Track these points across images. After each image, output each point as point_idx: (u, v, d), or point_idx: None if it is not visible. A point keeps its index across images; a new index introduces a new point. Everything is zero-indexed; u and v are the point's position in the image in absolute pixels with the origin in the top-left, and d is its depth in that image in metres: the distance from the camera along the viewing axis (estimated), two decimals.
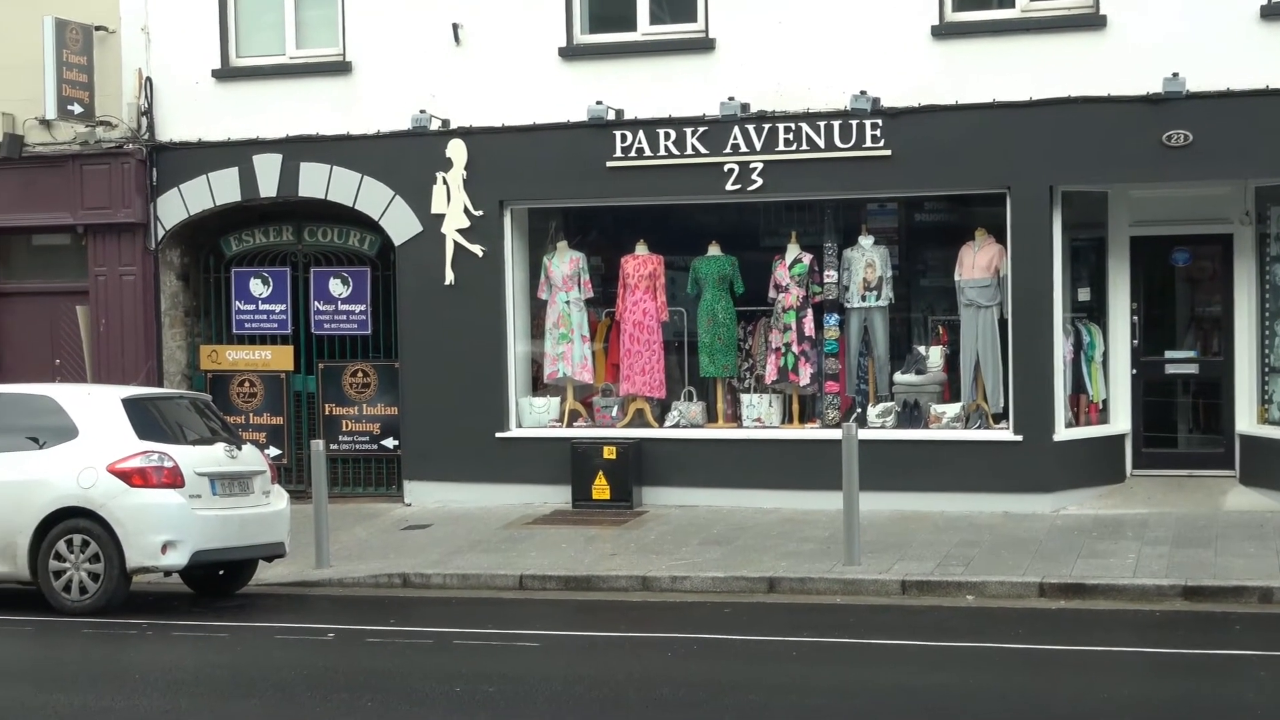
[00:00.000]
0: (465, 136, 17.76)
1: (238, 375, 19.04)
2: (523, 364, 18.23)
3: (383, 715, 8.95)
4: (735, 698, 9.41)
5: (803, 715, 8.88)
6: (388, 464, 18.76)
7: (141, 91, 18.54)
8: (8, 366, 19.15)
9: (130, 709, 9.30)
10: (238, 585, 14.24)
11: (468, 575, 14.40)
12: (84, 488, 12.94)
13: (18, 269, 19.62)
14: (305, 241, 18.96)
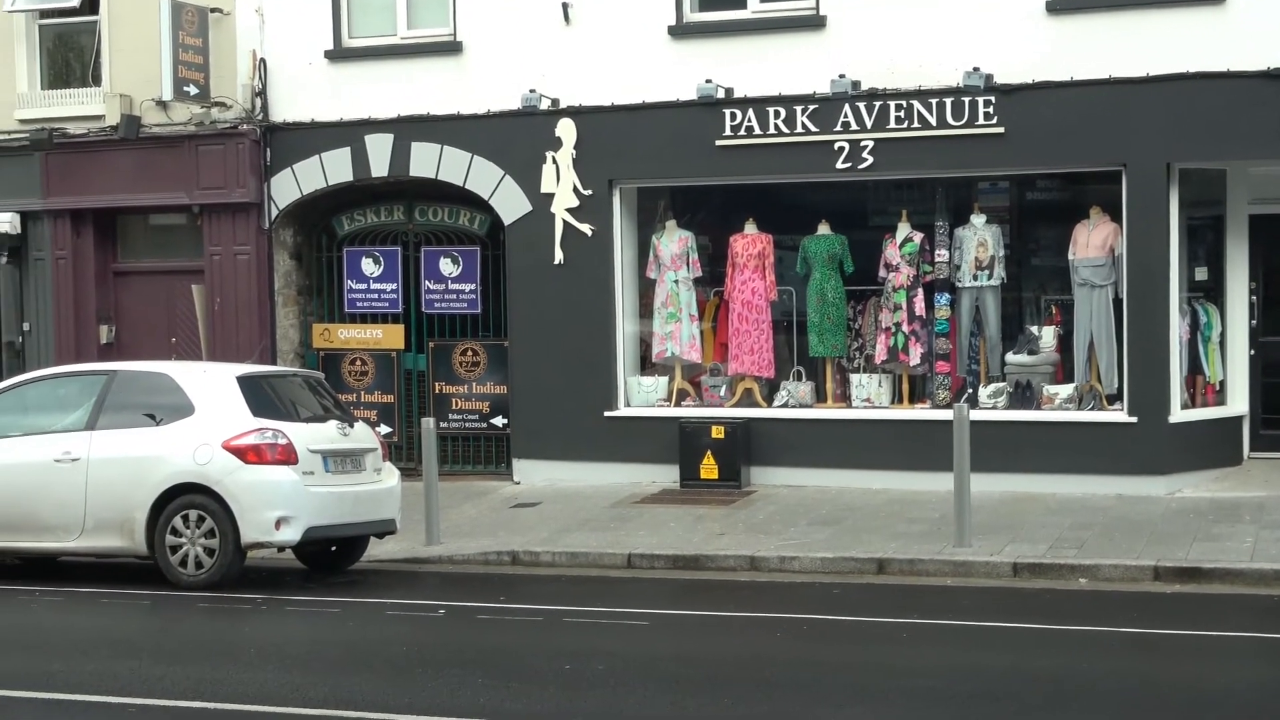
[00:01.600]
0: (575, 116, 17.78)
1: (349, 354, 19.22)
2: (631, 343, 18.25)
3: (494, 692, 9.00)
4: (844, 678, 9.38)
5: (913, 697, 8.82)
6: (497, 442, 18.87)
7: (255, 72, 18.74)
8: (125, 345, 19.46)
9: (246, 682, 9.43)
10: (349, 561, 14.38)
11: (576, 553, 14.45)
12: (200, 464, 13.11)
13: (135, 248, 19.93)
14: (416, 221, 19.08)
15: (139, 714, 8.60)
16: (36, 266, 19.55)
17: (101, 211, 19.45)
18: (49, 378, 14.66)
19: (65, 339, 19.38)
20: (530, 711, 8.50)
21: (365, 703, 8.75)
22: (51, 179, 19.31)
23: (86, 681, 9.41)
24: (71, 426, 13.64)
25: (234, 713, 8.61)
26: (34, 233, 19.51)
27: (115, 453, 13.29)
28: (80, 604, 12.77)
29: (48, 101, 19.52)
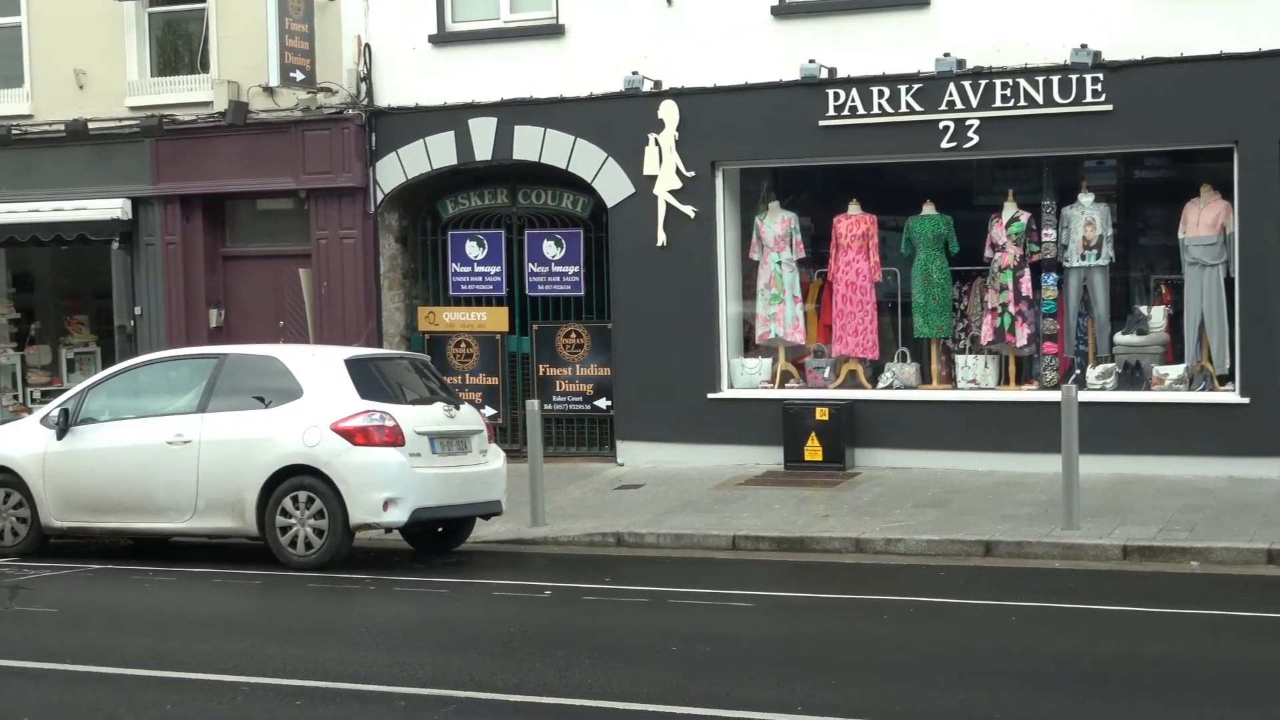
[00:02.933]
0: (677, 97, 17.76)
1: (454, 336, 19.34)
2: (734, 325, 18.22)
3: (601, 673, 9.04)
4: (952, 660, 9.31)
5: (1023, 680, 8.75)
6: (600, 424, 18.92)
7: (360, 58, 18.88)
8: (234, 328, 19.70)
9: (355, 661, 9.53)
10: (456, 542, 14.48)
11: (681, 535, 14.46)
12: (309, 446, 13.25)
13: (243, 233, 20.16)
14: (519, 204, 19.16)
15: (251, 692, 8.72)
16: (147, 251, 19.83)
17: (210, 197, 19.69)
18: (161, 361, 14.89)
19: (176, 323, 19.65)
20: (637, 692, 8.52)
21: (473, 683, 8.82)
22: (161, 165, 19.57)
23: (201, 660, 9.55)
24: (183, 409, 13.84)
25: (344, 691, 8.70)
26: (145, 218, 19.78)
27: (226, 435, 13.47)
28: (193, 584, 12.95)
29: (157, 89, 19.78)
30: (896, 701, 8.27)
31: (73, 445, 14.02)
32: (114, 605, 12.09)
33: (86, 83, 19.83)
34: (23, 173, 20.13)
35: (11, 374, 21.36)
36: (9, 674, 9.28)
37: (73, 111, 19.86)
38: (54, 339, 21.46)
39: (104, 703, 8.52)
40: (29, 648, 10.00)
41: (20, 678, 9.20)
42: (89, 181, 19.79)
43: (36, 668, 9.41)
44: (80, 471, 13.96)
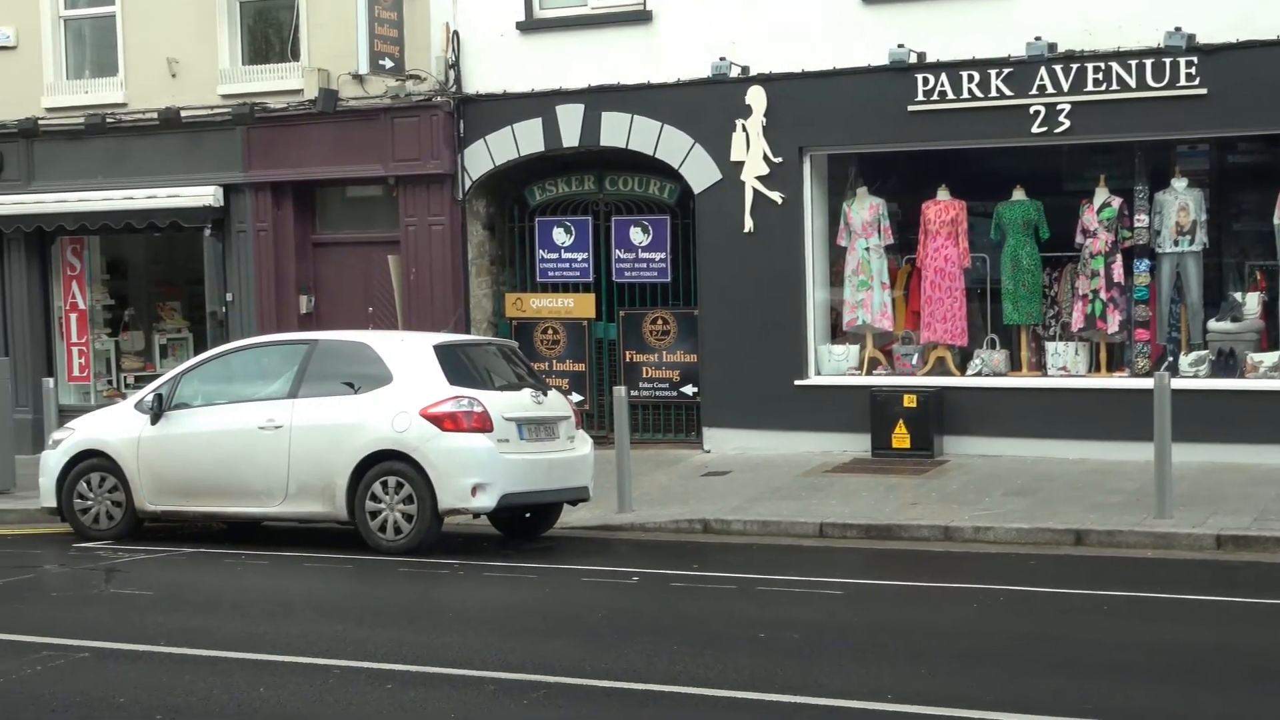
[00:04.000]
0: (765, 83, 17.71)
1: (541, 322, 19.40)
2: (821, 311, 18.16)
3: (689, 659, 9.04)
4: (1044, 650, 9.24)
5: (1114, 670, 8.67)
6: (687, 410, 18.92)
7: (449, 45, 18.96)
8: (323, 314, 19.88)
9: (445, 645, 9.59)
10: (543, 528, 14.53)
11: (768, 522, 14.44)
12: (398, 431, 13.34)
13: (333, 220, 20.32)
14: (606, 190, 19.18)
15: (343, 675, 8.79)
16: (239, 238, 20.03)
17: (301, 184, 19.86)
18: (252, 347, 15.05)
19: (266, 309, 19.84)
20: (725, 679, 8.52)
21: (562, 668, 8.85)
22: (253, 153, 19.76)
23: (293, 643, 9.65)
24: (275, 394, 13.97)
25: (434, 675, 8.76)
26: (236, 205, 19.99)
27: (317, 420, 13.59)
28: (284, 567, 13.09)
29: (248, 77, 19.97)
30: (987, 690, 8.22)
31: (166, 430, 14.19)
32: (207, 588, 12.23)
33: (179, 71, 20.05)
34: (117, 161, 20.40)
35: (106, 359, 21.67)
36: (106, 655, 9.42)
37: (166, 100, 20.08)
38: (147, 325, 21.73)
39: (198, 685, 8.62)
40: (125, 630, 10.14)
41: (117, 659, 9.34)
42: (182, 169, 20.02)
43: (132, 649, 9.55)
44: (173, 456, 14.14)
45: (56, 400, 17.19)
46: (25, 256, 21.15)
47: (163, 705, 8.18)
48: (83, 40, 21.36)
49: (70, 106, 20.70)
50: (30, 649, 9.51)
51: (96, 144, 20.55)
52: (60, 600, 11.73)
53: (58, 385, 18.10)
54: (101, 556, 13.48)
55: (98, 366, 21.55)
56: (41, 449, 15.80)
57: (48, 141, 20.86)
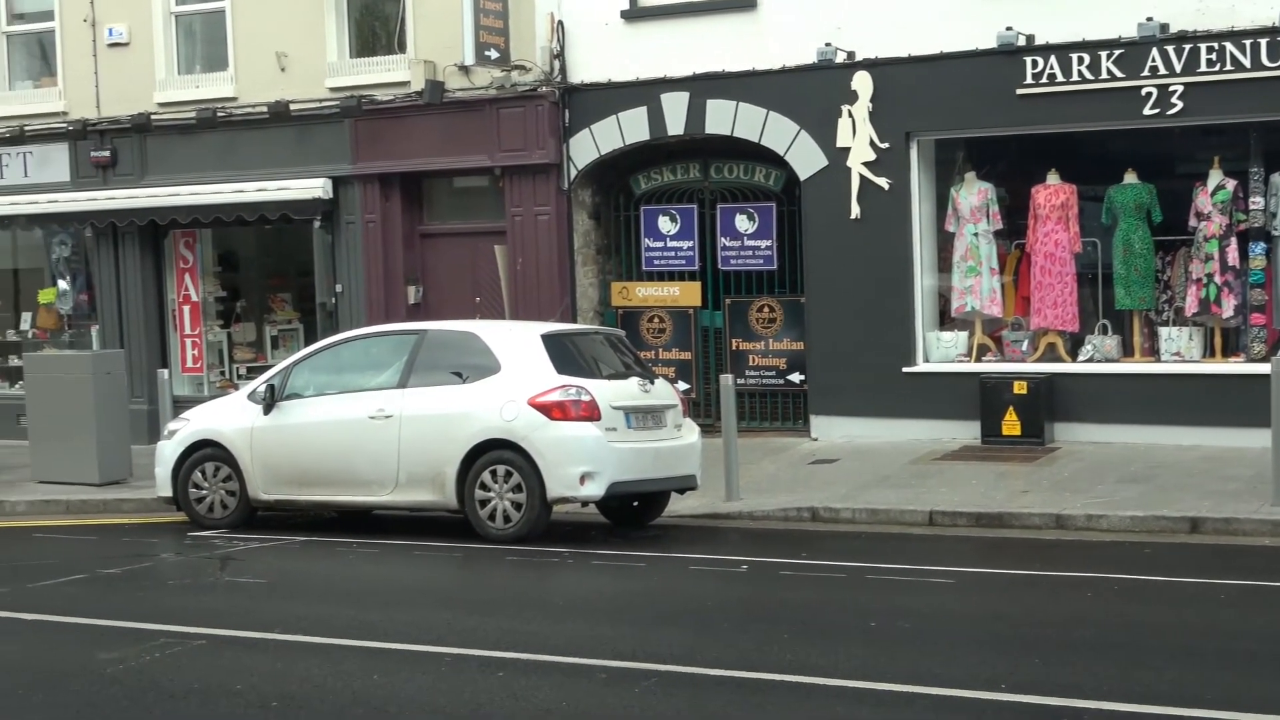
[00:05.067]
0: (871, 68, 17.58)
1: (647, 311, 19.41)
2: (929, 298, 18.01)
3: (800, 648, 9.02)
4: (1161, 640, 9.12)
5: (1232, 659, 8.53)
6: (793, 398, 18.85)
7: (553, 35, 19.00)
8: (431, 304, 20.00)
9: (555, 634, 9.62)
10: (651, 517, 14.54)
11: (877, 510, 14.35)
12: (507, 420, 13.40)
13: (440, 210, 20.44)
14: (712, 178, 19.15)
15: (454, 663, 8.85)
16: (347, 230, 20.20)
17: (408, 175, 19.99)
18: (362, 337, 15.18)
19: (375, 299, 20.00)
20: (837, 668, 8.48)
21: (672, 656, 8.84)
22: (360, 145, 19.92)
23: (403, 631, 9.73)
24: (385, 384, 14.09)
25: (544, 663, 8.80)
26: (345, 197, 20.15)
27: (426, 410, 13.69)
28: (394, 555, 13.21)
29: (355, 70, 20.12)
30: (1104, 680, 8.11)
31: (279, 420, 14.36)
32: (320, 576, 12.37)
33: (288, 65, 20.25)
34: (228, 154, 20.65)
35: (218, 351, 21.95)
36: (223, 642, 9.55)
37: (275, 93, 20.30)
38: (258, 316, 21.98)
39: (313, 672, 8.72)
40: (240, 617, 10.28)
41: (234, 646, 9.46)
42: (291, 162, 20.24)
43: (248, 637, 9.67)
44: (286, 445, 14.30)
45: (171, 391, 17.43)
46: (139, 250, 21.47)
47: (278, 692, 8.28)
48: (193, 36, 21.63)
49: (181, 101, 20.98)
50: (148, 636, 9.67)
51: (207, 138, 20.81)
52: (177, 588, 11.90)
53: (172, 376, 18.35)
54: (216, 545, 13.67)
55: (210, 358, 21.84)
56: (156, 439, 16.04)
57: (160, 136, 21.17)
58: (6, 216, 21.95)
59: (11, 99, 22.25)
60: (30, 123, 21.91)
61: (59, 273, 22.62)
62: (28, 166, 21.96)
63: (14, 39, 22.64)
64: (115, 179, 21.37)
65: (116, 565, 12.64)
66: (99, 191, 21.33)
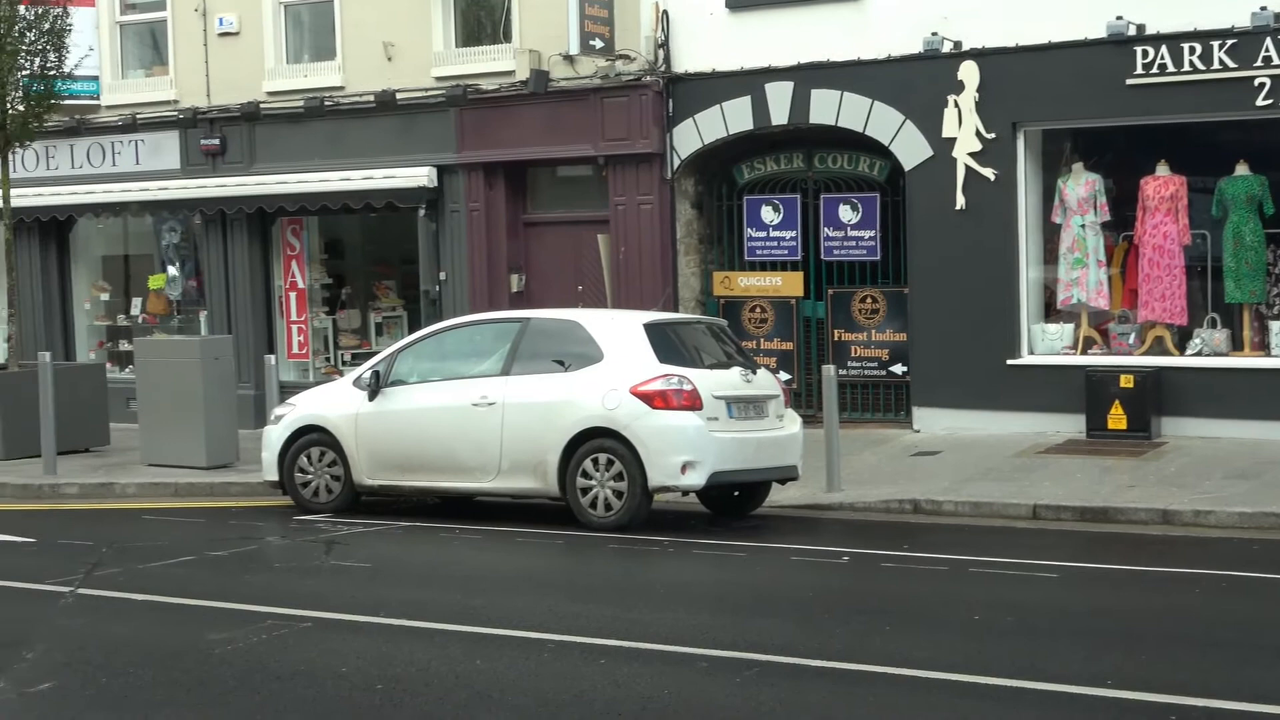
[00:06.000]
0: (977, 58, 17.44)
1: (749, 301, 19.38)
2: (1035, 290, 17.85)
3: (902, 640, 8.98)
4: (1271, 637, 9.00)
5: None
6: (896, 390, 18.75)
7: (658, 25, 19.00)
8: (534, 293, 20.09)
9: (657, 621, 9.65)
10: (752, 506, 14.53)
11: (979, 503, 14.25)
12: (609, 409, 13.44)
13: (543, 200, 20.52)
14: (815, 168, 19.08)
15: (557, 649, 8.90)
16: (452, 218, 20.33)
17: (512, 164, 20.08)
18: (466, 325, 15.27)
19: (479, 287, 20.12)
20: (940, 661, 8.44)
21: (773, 646, 8.84)
22: (465, 134, 20.04)
23: (506, 616, 9.79)
24: (488, 372, 14.18)
25: (646, 651, 8.82)
26: (449, 186, 20.29)
27: (529, 398, 13.76)
28: (497, 542, 13.29)
29: (461, 59, 20.25)
30: (1211, 678, 8.01)
31: (383, 406, 14.49)
32: (423, 561, 12.48)
33: (394, 54, 20.41)
34: (334, 142, 20.86)
35: (323, 337, 22.19)
36: (329, 625, 9.67)
37: (381, 82, 20.47)
38: (363, 303, 22.20)
39: (417, 655, 8.81)
40: (345, 601, 10.39)
41: (339, 629, 9.57)
42: (396, 150, 20.40)
43: (353, 620, 9.78)
44: (390, 431, 14.43)
45: (277, 376, 17.62)
46: (247, 237, 21.75)
47: (383, 675, 8.37)
48: (301, 25, 21.87)
49: (290, 90, 21.22)
50: (256, 618, 9.81)
51: (315, 126, 21.04)
52: (283, 571, 12.07)
53: (278, 362, 18.56)
54: (321, 529, 13.82)
55: (316, 344, 22.08)
56: (262, 424, 16.26)
57: (268, 124, 21.43)
58: (118, 204, 22.32)
59: (124, 88, 22.60)
60: (142, 111, 22.26)
61: (169, 259, 22.98)
62: (139, 154, 22.32)
63: (127, 29, 23.00)
64: (224, 167, 21.67)
65: (224, 548, 12.83)
66: (208, 179, 21.64)
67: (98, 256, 24.16)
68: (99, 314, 23.87)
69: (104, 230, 23.75)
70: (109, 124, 22.50)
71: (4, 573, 11.65)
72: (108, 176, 22.41)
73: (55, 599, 10.63)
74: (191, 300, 22.79)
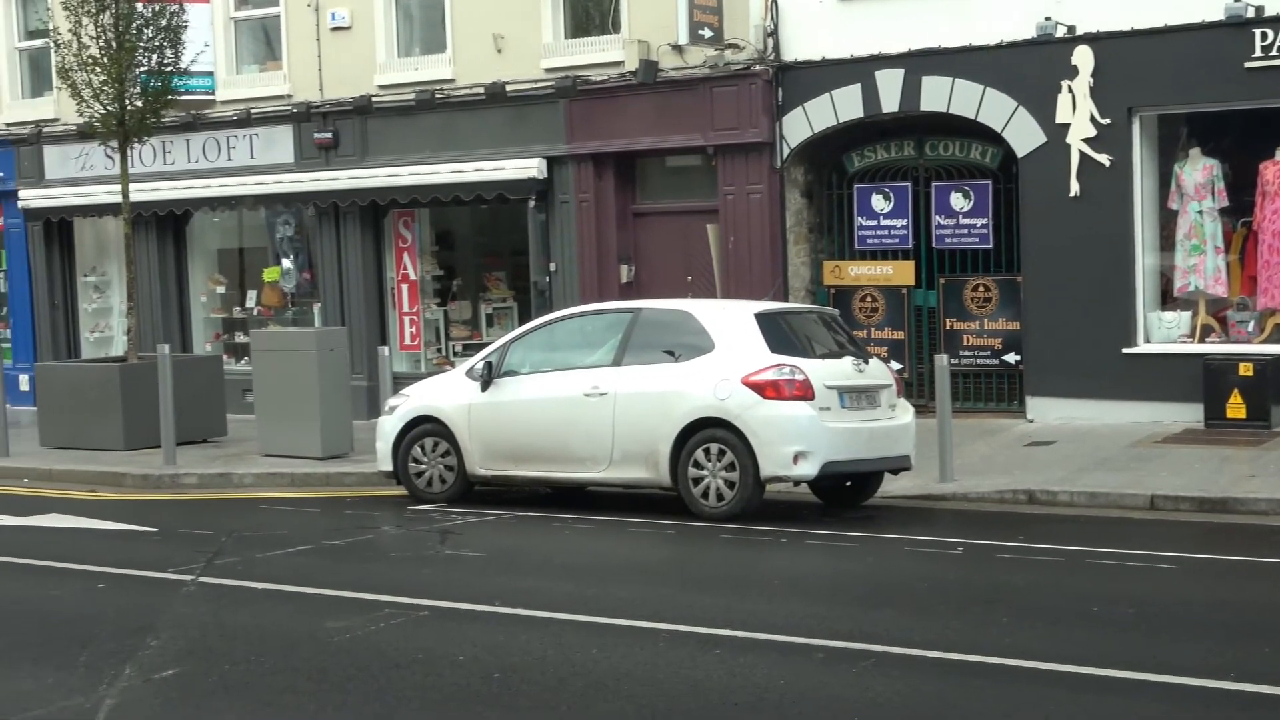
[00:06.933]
0: (1092, 42, 17.21)
1: (859, 290, 19.28)
2: (1151, 277, 17.61)
3: (1019, 632, 8.92)
4: None
5: None
6: (1008, 379, 18.58)
7: (767, 13, 18.94)
8: (643, 283, 20.12)
9: (771, 611, 9.65)
10: (864, 497, 14.46)
11: (1095, 493, 14.08)
12: (720, 399, 13.42)
13: (652, 190, 20.53)
14: (926, 156, 18.94)
15: (672, 639, 8.92)
16: (561, 209, 20.40)
17: (621, 155, 20.10)
18: (577, 315, 15.33)
19: (588, 278, 20.18)
20: (1058, 653, 8.36)
21: (889, 637, 8.82)
22: (575, 125, 20.09)
23: (621, 606, 9.82)
24: (599, 362, 14.22)
25: (761, 641, 8.82)
26: (559, 177, 20.35)
27: (641, 388, 13.78)
28: (609, 532, 13.32)
29: (570, 50, 20.29)
30: None
31: (496, 397, 14.58)
32: (537, 551, 12.54)
33: (504, 46, 20.51)
34: (445, 135, 21.00)
35: (435, 328, 22.37)
36: (445, 614, 9.75)
37: (491, 75, 20.57)
38: (473, 295, 22.32)
39: (533, 645, 8.86)
40: (461, 590, 10.47)
41: (455, 618, 9.66)
42: (506, 142, 20.50)
43: (469, 609, 9.86)
44: (503, 422, 14.51)
45: (390, 368, 17.78)
46: (360, 229, 21.95)
47: (500, 664, 8.43)
48: (412, 19, 22.03)
49: (401, 83, 21.38)
50: (373, 606, 9.92)
51: (426, 119, 21.19)
52: (399, 560, 12.20)
53: (391, 353, 18.73)
54: (435, 519, 13.94)
55: (427, 335, 22.26)
56: (375, 415, 16.42)
57: (380, 118, 21.61)
58: (233, 198, 22.63)
59: (238, 83, 22.90)
60: (256, 106, 22.55)
61: (282, 251, 23.26)
62: (254, 148, 22.61)
63: (241, 24, 23.29)
64: (337, 160, 21.89)
65: (340, 537, 12.99)
66: (321, 172, 21.88)
67: (213, 250, 24.52)
68: (215, 307, 24.23)
69: (219, 224, 24.10)
70: (224, 119, 22.81)
71: (128, 561, 11.87)
72: (223, 171, 22.73)
73: (178, 587, 10.82)
74: (305, 292, 23.06)
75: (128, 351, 20.35)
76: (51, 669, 8.59)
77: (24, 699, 8.05)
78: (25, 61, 25.44)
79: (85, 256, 25.37)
